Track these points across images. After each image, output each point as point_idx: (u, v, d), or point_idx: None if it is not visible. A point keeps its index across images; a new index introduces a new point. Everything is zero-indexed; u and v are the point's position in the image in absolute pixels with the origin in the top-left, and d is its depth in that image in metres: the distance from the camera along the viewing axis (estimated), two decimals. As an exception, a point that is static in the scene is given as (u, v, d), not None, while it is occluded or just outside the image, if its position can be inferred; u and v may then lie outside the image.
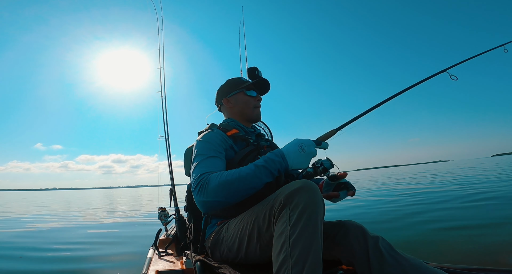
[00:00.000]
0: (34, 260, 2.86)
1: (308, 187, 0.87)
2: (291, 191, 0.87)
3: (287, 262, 0.77)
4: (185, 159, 1.42)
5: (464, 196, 5.56)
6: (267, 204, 0.94)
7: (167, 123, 2.15)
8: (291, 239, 0.80)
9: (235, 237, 1.06)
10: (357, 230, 1.04)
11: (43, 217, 7.69)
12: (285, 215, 0.85)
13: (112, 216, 7.29)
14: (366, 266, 0.96)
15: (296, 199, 0.85)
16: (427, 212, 4.28)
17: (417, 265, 0.93)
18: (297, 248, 0.78)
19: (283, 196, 0.88)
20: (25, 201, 19.49)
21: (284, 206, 0.87)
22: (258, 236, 0.97)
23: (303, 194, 0.85)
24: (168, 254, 1.68)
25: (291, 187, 0.89)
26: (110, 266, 2.58)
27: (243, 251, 1.04)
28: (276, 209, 0.89)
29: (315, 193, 0.87)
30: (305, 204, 0.83)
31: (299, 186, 0.88)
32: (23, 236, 4.36)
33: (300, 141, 1.04)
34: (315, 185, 0.89)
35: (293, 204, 0.85)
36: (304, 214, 0.82)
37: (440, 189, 7.46)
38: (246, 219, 1.03)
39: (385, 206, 5.24)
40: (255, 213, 0.99)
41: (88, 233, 4.53)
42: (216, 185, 0.96)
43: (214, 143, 1.18)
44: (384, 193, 7.87)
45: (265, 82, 1.39)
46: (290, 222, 0.83)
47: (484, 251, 2.31)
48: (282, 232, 0.83)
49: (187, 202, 1.51)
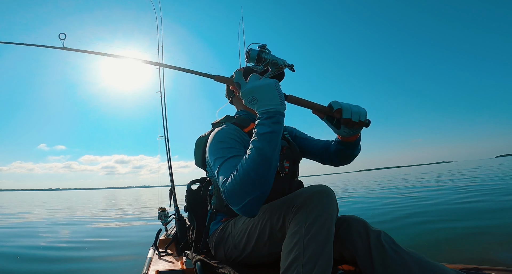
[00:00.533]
0: (32, 260, 2.86)
1: (327, 192, 0.90)
2: (310, 194, 0.90)
3: (298, 260, 0.79)
4: (196, 149, 1.36)
5: (462, 197, 5.53)
6: (283, 204, 0.96)
7: (166, 123, 2.16)
8: (305, 239, 0.82)
9: (243, 234, 1.06)
10: (359, 225, 1.04)
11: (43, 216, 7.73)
12: (301, 216, 0.87)
13: (112, 216, 7.30)
14: (368, 260, 0.96)
15: (314, 202, 0.88)
16: (427, 212, 4.27)
17: (419, 259, 0.92)
18: (310, 248, 0.80)
19: (302, 198, 0.90)
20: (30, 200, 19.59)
21: (301, 207, 0.89)
22: (270, 234, 0.98)
23: (321, 198, 0.88)
24: (168, 254, 1.68)
25: (310, 190, 0.92)
26: (110, 266, 2.58)
27: (249, 249, 1.04)
28: (293, 209, 0.90)
29: (332, 198, 0.90)
30: (322, 208, 0.86)
31: (318, 190, 0.91)
32: (18, 235, 4.38)
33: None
34: (332, 191, 0.92)
35: (310, 206, 0.87)
36: (320, 217, 0.85)
37: (440, 190, 7.42)
38: (258, 218, 1.02)
39: (385, 207, 5.22)
40: (268, 212, 1.00)
41: (89, 233, 4.54)
42: (251, 181, 0.86)
43: (228, 141, 1.08)
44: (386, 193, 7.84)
45: None
46: (305, 223, 0.85)
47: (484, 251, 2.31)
48: (297, 231, 0.85)
49: (187, 202, 1.51)
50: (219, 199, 1.24)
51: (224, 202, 1.17)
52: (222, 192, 0.92)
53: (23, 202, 17.23)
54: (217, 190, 1.26)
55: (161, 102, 2.17)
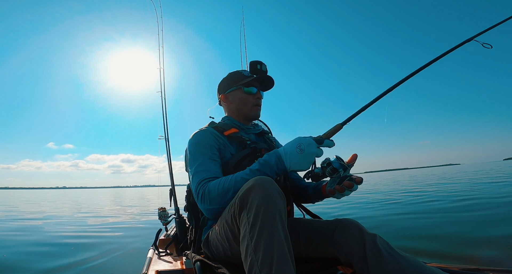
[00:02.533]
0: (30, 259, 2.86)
1: (259, 184, 0.85)
2: (243, 192, 0.86)
3: (254, 266, 0.76)
4: (186, 156, 1.37)
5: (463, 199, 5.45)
6: (230, 208, 0.94)
7: (167, 123, 2.17)
8: (253, 241, 0.78)
9: (219, 240, 1.04)
10: (354, 227, 1.03)
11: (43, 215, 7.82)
12: (244, 218, 0.84)
13: (112, 216, 7.33)
14: (364, 263, 0.94)
15: (250, 199, 0.83)
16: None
17: (415, 264, 0.91)
18: (259, 249, 0.76)
19: (238, 199, 0.87)
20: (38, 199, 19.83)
21: (241, 209, 0.86)
22: (235, 239, 0.95)
23: (255, 193, 0.83)
24: (168, 254, 1.68)
25: (243, 188, 0.88)
26: (110, 266, 2.58)
27: (230, 253, 1.02)
28: (236, 213, 0.88)
29: (268, 189, 0.84)
30: (259, 203, 0.81)
31: (250, 185, 0.86)
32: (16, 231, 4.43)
33: (299, 140, 0.99)
34: (268, 180, 0.87)
35: (248, 205, 0.84)
36: (259, 213, 0.80)
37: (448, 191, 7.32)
38: (220, 223, 1.02)
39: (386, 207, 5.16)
40: (224, 218, 0.99)
41: (88, 233, 4.54)
42: (216, 195, 1.00)
43: (205, 144, 1.16)
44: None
45: (268, 77, 1.29)
46: (248, 224, 0.81)
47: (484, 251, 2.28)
48: (244, 235, 0.82)
49: (187, 202, 1.51)
50: None
51: None
52: (194, 186, 1.07)
53: (31, 201, 17.44)
54: None
55: (161, 102, 2.18)
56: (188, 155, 1.19)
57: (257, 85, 1.30)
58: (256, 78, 1.28)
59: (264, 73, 1.30)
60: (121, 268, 2.49)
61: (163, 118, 2.17)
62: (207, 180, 1.06)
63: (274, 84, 1.34)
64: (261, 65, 1.29)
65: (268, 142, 1.37)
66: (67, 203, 14.44)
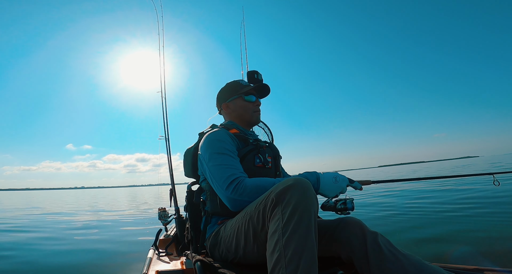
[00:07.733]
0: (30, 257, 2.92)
1: (300, 184, 0.87)
2: (282, 189, 0.87)
3: (281, 261, 0.77)
4: (185, 160, 1.43)
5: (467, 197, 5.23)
6: (260, 203, 0.94)
7: (167, 123, 2.18)
8: (284, 237, 0.80)
9: (232, 237, 1.07)
10: (355, 225, 1.04)
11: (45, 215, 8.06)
12: (277, 213, 0.85)
13: (113, 216, 7.44)
14: (365, 261, 0.95)
15: (288, 196, 0.85)
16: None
17: (416, 262, 0.92)
18: (290, 246, 0.78)
19: (275, 194, 0.88)
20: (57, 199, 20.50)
21: (276, 204, 0.87)
22: (254, 236, 0.97)
23: (295, 191, 0.85)
24: (168, 254, 1.68)
25: (282, 184, 0.89)
26: (110, 266, 2.61)
27: (241, 251, 1.04)
28: (268, 207, 0.89)
29: (308, 190, 0.86)
30: (297, 202, 0.83)
31: (290, 183, 0.87)
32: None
33: (337, 174, 1.12)
34: (307, 182, 0.89)
35: (285, 202, 0.85)
36: (296, 211, 0.82)
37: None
38: (241, 219, 1.03)
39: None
40: (248, 213, 1.00)
41: (88, 233, 4.60)
42: (253, 188, 1.05)
43: (227, 141, 1.21)
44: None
45: (265, 86, 1.41)
46: (282, 220, 0.83)
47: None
48: (275, 230, 0.83)
49: (187, 202, 1.51)
50: (213, 203, 1.26)
51: (219, 204, 1.20)
52: (224, 176, 1.08)
53: (51, 202, 18.07)
54: (210, 195, 1.27)
55: (161, 102, 2.19)
56: (208, 149, 1.19)
57: (255, 93, 1.42)
58: (254, 87, 1.40)
59: (260, 82, 1.43)
60: (121, 268, 2.52)
61: (163, 118, 2.18)
62: (242, 176, 1.11)
63: (270, 91, 1.44)
64: (258, 75, 1.43)
65: (267, 142, 1.46)
66: (88, 203, 14.87)
